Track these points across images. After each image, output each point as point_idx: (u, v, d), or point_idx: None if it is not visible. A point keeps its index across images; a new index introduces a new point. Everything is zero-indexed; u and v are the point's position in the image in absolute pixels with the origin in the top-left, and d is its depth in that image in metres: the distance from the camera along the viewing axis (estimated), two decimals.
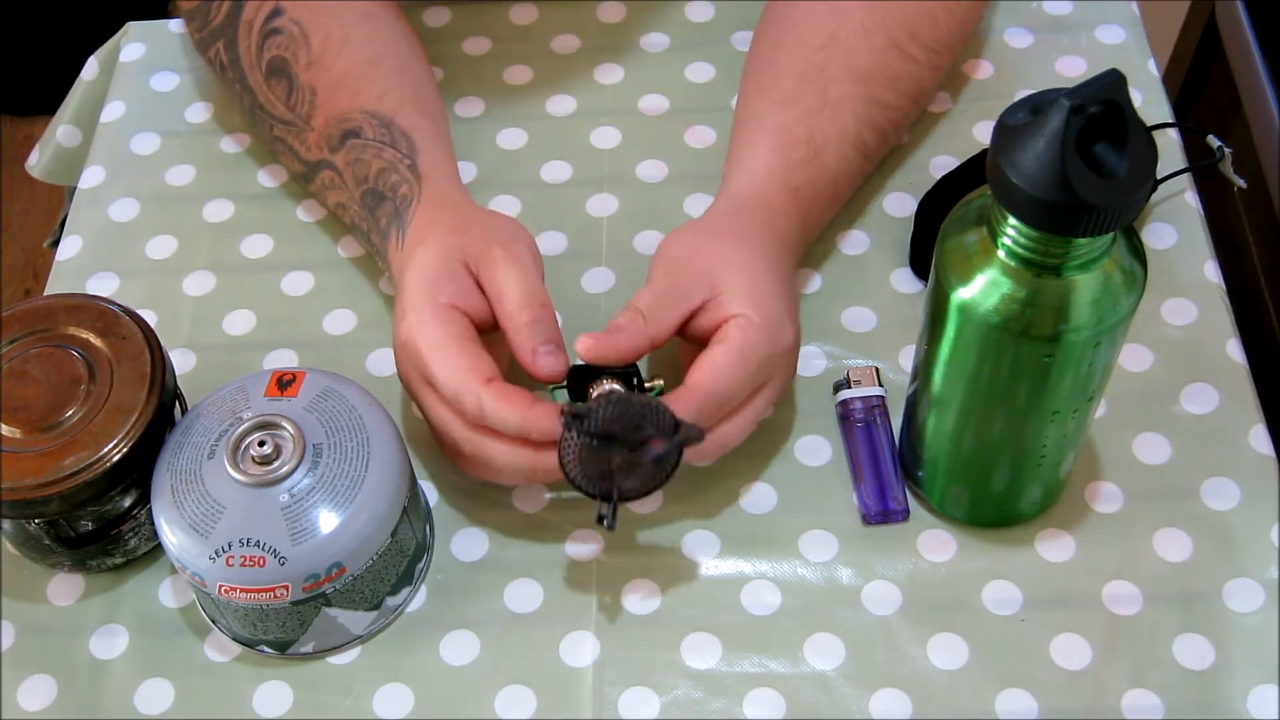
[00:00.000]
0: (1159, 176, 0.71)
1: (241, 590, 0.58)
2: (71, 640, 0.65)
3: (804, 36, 0.73)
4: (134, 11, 0.93)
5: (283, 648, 0.63)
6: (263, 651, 0.63)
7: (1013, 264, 0.52)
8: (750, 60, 0.76)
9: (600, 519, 0.59)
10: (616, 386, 0.61)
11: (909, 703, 0.61)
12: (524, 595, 0.65)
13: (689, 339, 0.64)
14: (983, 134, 0.80)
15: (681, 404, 0.59)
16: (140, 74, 0.86)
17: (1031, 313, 0.53)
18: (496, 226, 0.66)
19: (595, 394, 0.61)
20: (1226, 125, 1.06)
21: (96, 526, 0.63)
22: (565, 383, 0.62)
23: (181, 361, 0.73)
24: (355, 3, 0.75)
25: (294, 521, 0.58)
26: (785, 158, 0.69)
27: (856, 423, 0.68)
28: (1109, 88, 0.47)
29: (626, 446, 0.58)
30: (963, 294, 0.54)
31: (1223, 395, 0.69)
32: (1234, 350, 0.71)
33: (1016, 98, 0.53)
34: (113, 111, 0.84)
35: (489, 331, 0.64)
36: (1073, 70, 0.82)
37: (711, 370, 0.60)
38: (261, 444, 0.59)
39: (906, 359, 0.71)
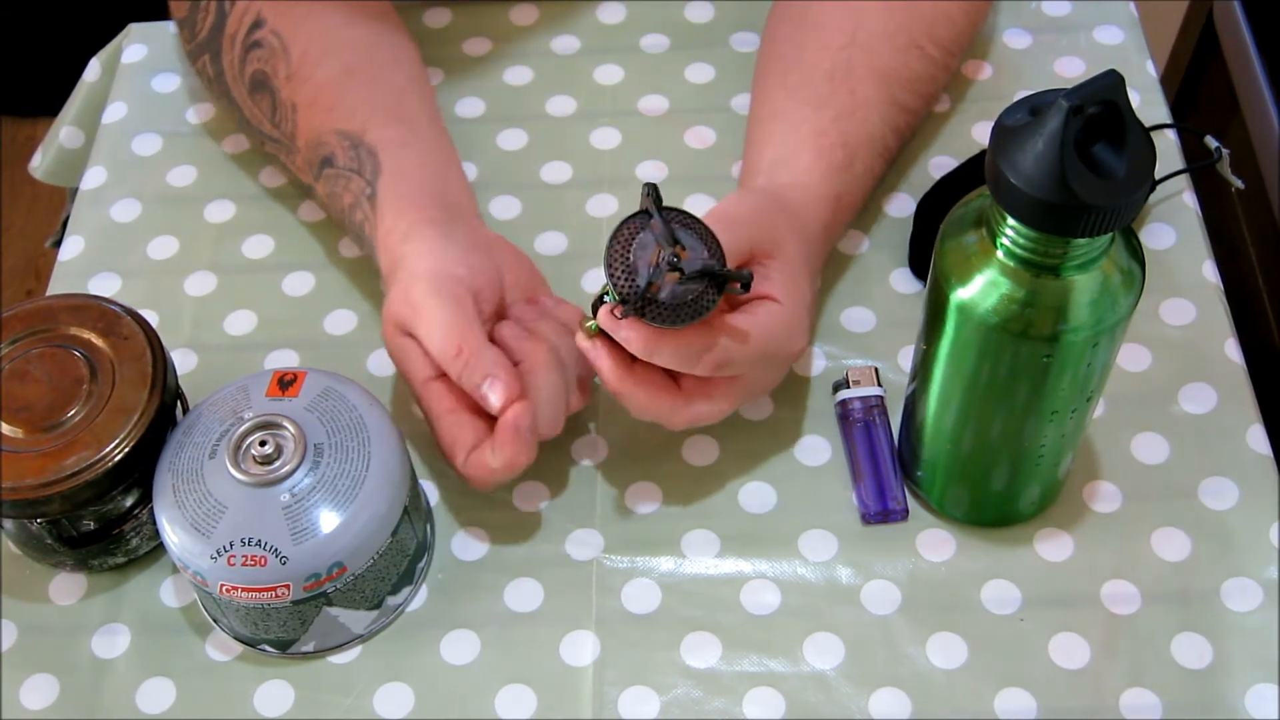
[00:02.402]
0: (1157, 177, 0.71)
1: (243, 589, 0.58)
2: (73, 639, 0.65)
3: (826, 37, 0.73)
4: (136, 13, 0.93)
5: (284, 647, 0.63)
6: (264, 651, 0.64)
7: (1011, 264, 0.52)
8: (768, 58, 0.75)
9: (611, 303, 0.57)
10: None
11: (908, 702, 0.61)
12: (524, 595, 0.65)
13: None
14: (981, 135, 0.80)
15: (688, 336, 0.59)
16: (142, 75, 0.86)
17: (1030, 313, 0.53)
18: (416, 275, 0.64)
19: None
20: (1224, 126, 1.06)
21: (98, 526, 0.63)
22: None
23: (183, 361, 0.73)
24: (341, 6, 0.75)
25: (295, 521, 0.58)
26: (826, 163, 0.69)
27: (856, 422, 0.68)
28: (1107, 88, 0.47)
29: (681, 245, 0.57)
30: (962, 294, 0.54)
31: (1221, 395, 0.69)
32: (1232, 350, 0.71)
33: (1015, 98, 0.53)
34: (114, 113, 0.85)
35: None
36: (1071, 71, 0.82)
37: (728, 330, 0.60)
38: (263, 444, 0.59)
39: (906, 359, 0.71)
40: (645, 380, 0.61)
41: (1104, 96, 0.47)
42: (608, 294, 0.59)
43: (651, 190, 0.58)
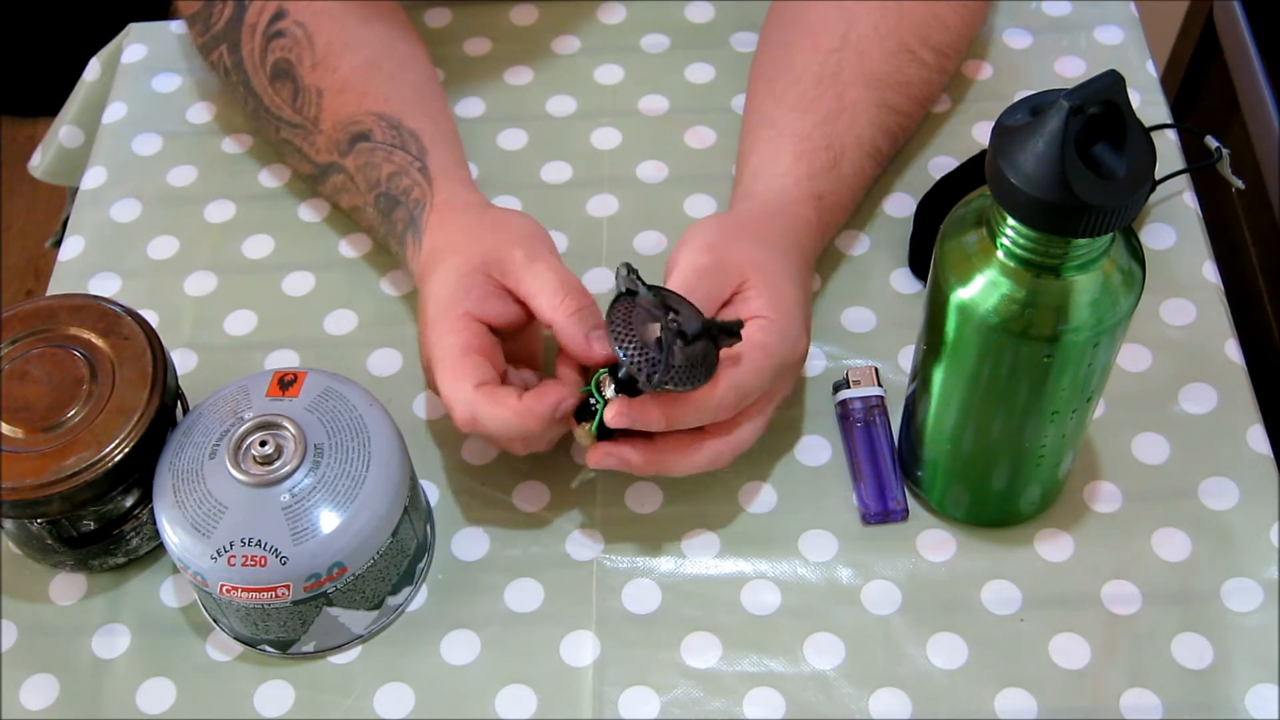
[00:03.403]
0: (1157, 177, 0.71)
1: (243, 590, 0.58)
2: (73, 639, 0.65)
3: (817, 39, 0.73)
4: (136, 12, 0.94)
5: (284, 647, 0.63)
6: (264, 651, 0.64)
7: (1012, 264, 0.52)
8: (761, 61, 0.76)
9: (641, 376, 0.58)
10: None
11: (909, 702, 0.61)
12: (524, 595, 0.65)
13: None
14: (982, 135, 0.80)
15: (700, 392, 0.60)
16: (142, 75, 0.86)
17: (1031, 313, 0.53)
18: (512, 227, 0.66)
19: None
20: (1224, 126, 1.06)
21: (98, 526, 0.63)
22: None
23: (183, 361, 0.73)
24: (358, 5, 0.75)
25: (295, 521, 0.58)
26: (808, 165, 0.69)
27: (856, 423, 0.68)
28: (1108, 88, 0.47)
29: (675, 311, 0.58)
30: (962, 294, 0.54)
31: (1221, 395, 0.69)
32: (1232, 350, 0.71)
33: (1016, 98, 0.53)
34: (114, 112, 0.85)
35: (513, 334, 0.65)
36: (1072, 71, 0.82)
37: (734, 362, 0.61)
38: (263, 444, 0.59)
39: (906, 359, 0.71)
40: (674, 447, 0.62)
41: (1104, 96, 0.47)
42: (593, 395, 0.60)
43: (629, 268, 0.59)
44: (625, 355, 0.58)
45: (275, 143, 0.77)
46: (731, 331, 0.59)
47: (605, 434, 0.61)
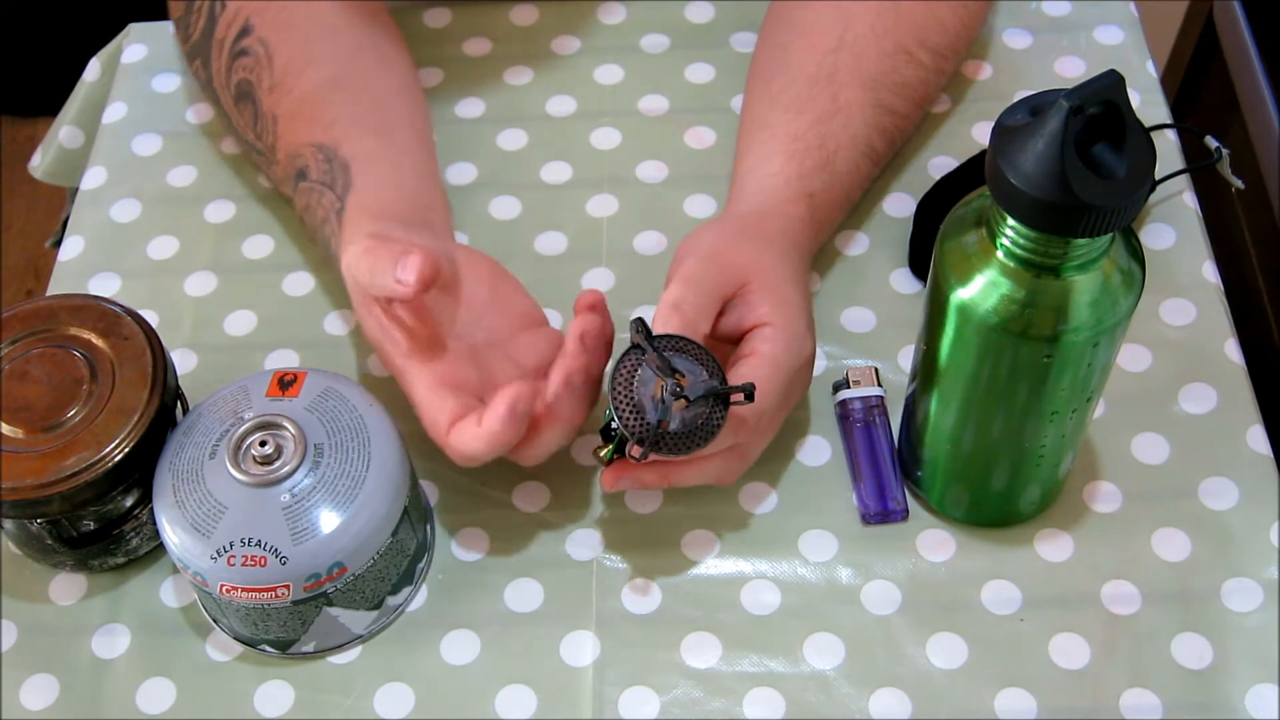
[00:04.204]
0: (1157, 177, 0.71)
1: (243, 590, 0.58)
2: (73, 639, 0.65)
3: (814, 40, 0.73)
4: (136, 12, 0.93)
5: (284, 647, 0.63)
6: (264, 651, 0.64)
7: (1012, 264, 0.52)
8: (758, 62, 0.76)
9: (637, 440, 0.57)
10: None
11: (908, 702, 0.61)
12: (524, 595, 0.65)
13: (714, 336, 0.63)
14: (981, 135, 0.80)
15: (717, 457, 0.60)
16: (142, 75, 0.86)
17: (1030, 313, 0.53)
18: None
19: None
20: (1224, 126, 1.06)
21: (98, 526, 0.63)
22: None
23: (183, 362, 0.73)
24: (330, 7, 0.74)
25: (295, 521, 0.58)
26: (799, 164, 0.69)
27: (856, 423, 0.68)
28: (1107, 88, 0.47)
29: (680, 373, 0.58)
30: (962, 294, 0.54)
31: (1221, 395, 0.69)
32: (1232, 350, 0.71)
33: (1015, 98, 0.53)
34: (114, 112, 0.85)
35: (444, 294, 0.64)
36: (1071, 71, 0.82)
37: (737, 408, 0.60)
38: (263, 444, 0.59)
39: (906, 359, 0.71)
40: (684, 460, 0.61)
41: (1104, 96, 0.47)
42: (614, 422, 0.59)
43: (639, 325, 0.58)
44: (619, 417, 0.57)
45: (251, 162, 0.77)
46: (741, 391, 0.58)
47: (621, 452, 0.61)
